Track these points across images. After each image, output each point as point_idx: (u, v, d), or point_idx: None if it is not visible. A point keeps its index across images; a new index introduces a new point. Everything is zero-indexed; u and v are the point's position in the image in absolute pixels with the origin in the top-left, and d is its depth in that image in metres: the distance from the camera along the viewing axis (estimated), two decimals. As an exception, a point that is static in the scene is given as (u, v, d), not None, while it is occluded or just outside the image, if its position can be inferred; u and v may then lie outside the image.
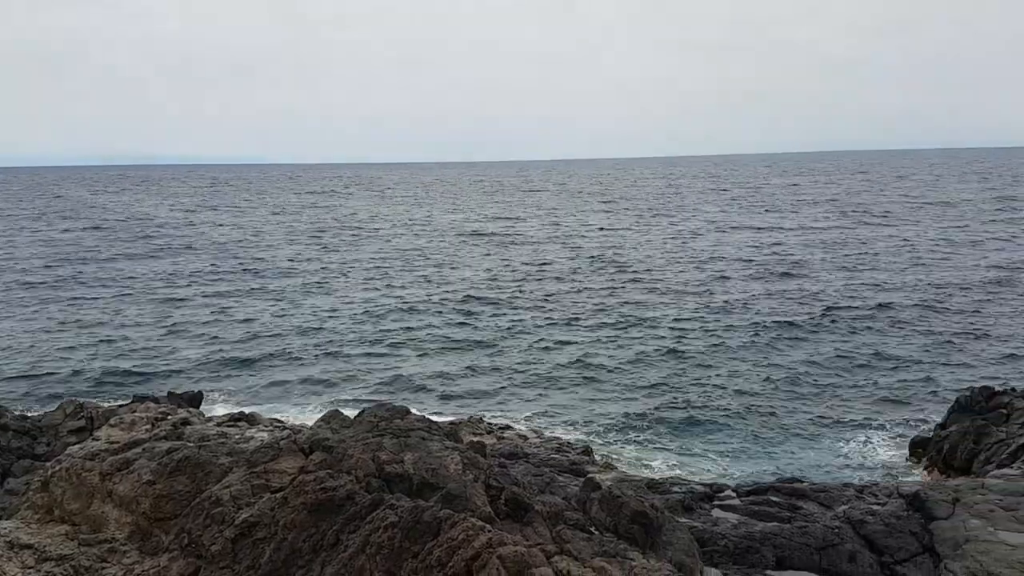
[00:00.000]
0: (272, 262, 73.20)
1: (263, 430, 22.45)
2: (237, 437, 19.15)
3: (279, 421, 27.12)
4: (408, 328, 46.58)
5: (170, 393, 30.65)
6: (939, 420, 27.43)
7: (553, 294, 55.67)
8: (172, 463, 14.41)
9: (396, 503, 11.75)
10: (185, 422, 22.69)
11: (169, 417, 23.14)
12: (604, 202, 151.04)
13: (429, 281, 62.02)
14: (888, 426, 29.66)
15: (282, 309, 52.26)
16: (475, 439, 21.05)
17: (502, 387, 35.62)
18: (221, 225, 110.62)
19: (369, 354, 41.33)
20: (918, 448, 26.50)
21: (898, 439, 28.23)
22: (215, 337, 44.99)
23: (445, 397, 34.60)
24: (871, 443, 28.25)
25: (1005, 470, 20.03)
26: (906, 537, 15.25)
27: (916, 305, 48.53)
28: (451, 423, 25.81)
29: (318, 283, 61.94)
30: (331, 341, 43.86)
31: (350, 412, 20.18)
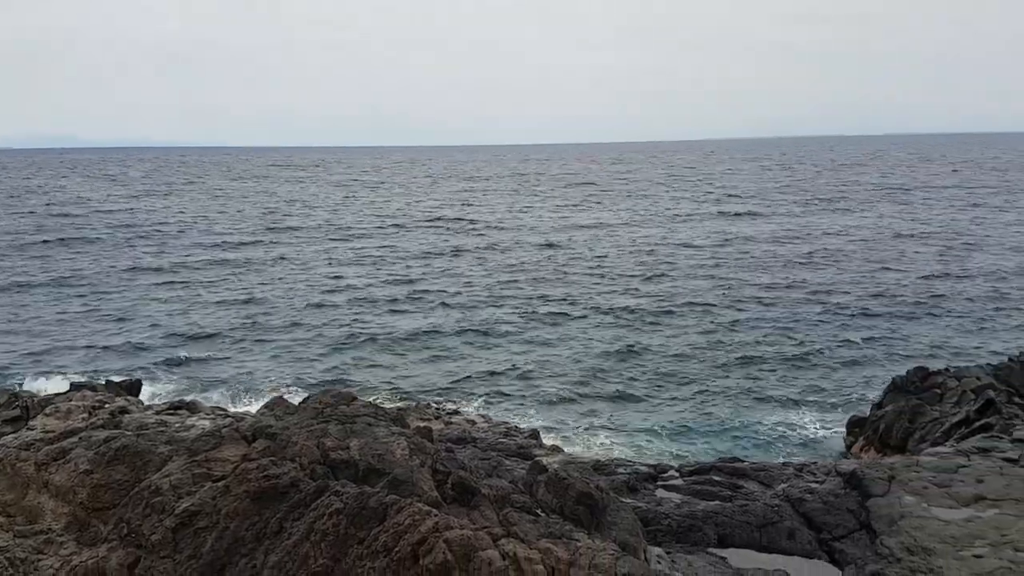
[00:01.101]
0: (216, 247, 71.82)
1: (204, 418, 21.97)
2: (177, 425, 18.74)
3: (221, 409, 26.62)
4: (356, 315, 46.17)
5: (108, 381, 29.85)
6: (875, 400, 28.20)
7: (502, 281, 55.71)
8: (110, 452, 14.09)
9: (341, 489, 11.68)
10: (123, 410, 22.10)
11: (107, 405, 22.52)
12: (561, 187, 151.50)
13: (379, 269, 61.51)
14: (827, 406, 30.47)
15: (226, 296, 51.33)
16: (422, 424, 20.98)
17: (451, 373, 35.57)
18: (166, 209, 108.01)
19: (315, 341, 40.86)
20: (855, 427, 27.22)
21: (836, 419, 29.02)
22: (155, 324, 44.01)
23: (393, 383, 34.42)
24: (810, 423, 29.01)
25: (939, 448, 20.69)
26: (843, 514, 15.68)
27: (855, 289, 49.79)
28: (398, 409, 25.64)
29: (264, 270, 60.99)
30: (276, 328, 43.25)
31: (295, 400, 19.99)
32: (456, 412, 29.39)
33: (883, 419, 25.42)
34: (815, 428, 28.60)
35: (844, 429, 27.70)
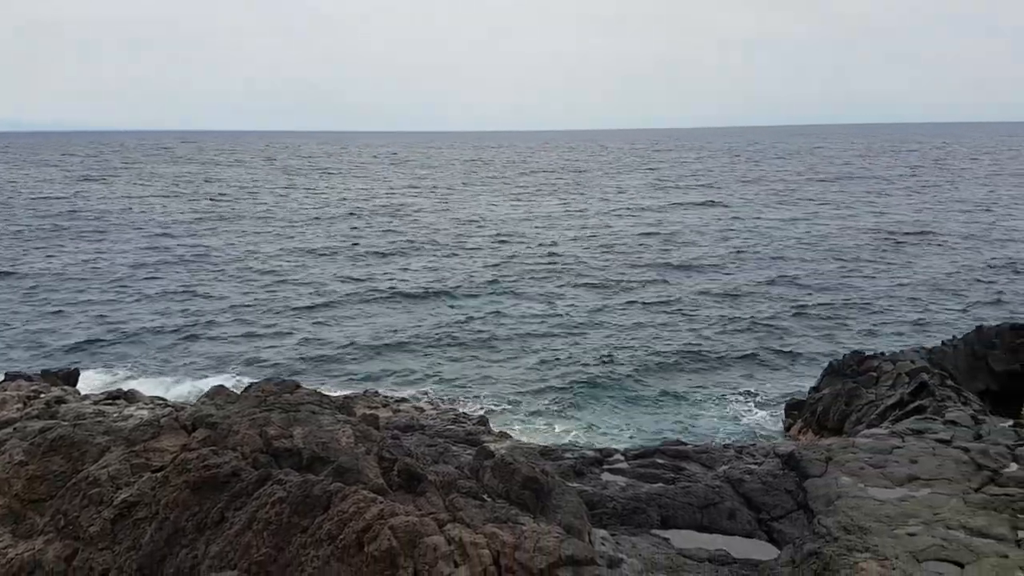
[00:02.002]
0: (154, 234, 70.16)
1: (143, 408, 21.55)
2: (115, 415, 18.34)
3: (161, 399, 26.10)
4: (303, 304, 45.60)
5: (44, 371, 29.02)
6: (813, 384, 28.90)
7: (452, 270, 55.56)
8: (46, 443, 13.72)
9: (284, 478, 11.56)
10: (59, 400, 21.56)
11: (42, 395, 21.96)
12: (514, 176, 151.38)
13: (326, 257, 60.79)
14: (766, 390, 31.16)
15: (166, 284, 50.23)
16: (369, 412, 20.87)
17: (400, 361, 35.42)
18: (102, 197, 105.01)
19: (260, 330, 40.27)
20: (794, 410, 27.89)
21: (775, 402, 29.70)
22: (93, 313, 42.90)
23: (339, 371, 34.16)
24: (751, 406, 29.65)
25: (874, 430, 21.28)
26: (782, 495, 16.04)
27: (795, 276, 50.90)
28: (345, 397, 25.49)
29: (201, 256, 59.78)
30: (217, 316, 42.51)
31: (237, 389, 19.67)
32: (404, 400, 29.29)
33: (820, 402, 26.07)
34: (756, 411, 29.24)
35: (783, 412, 28.37)
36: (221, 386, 16.52)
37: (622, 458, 19.20)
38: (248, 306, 44.51)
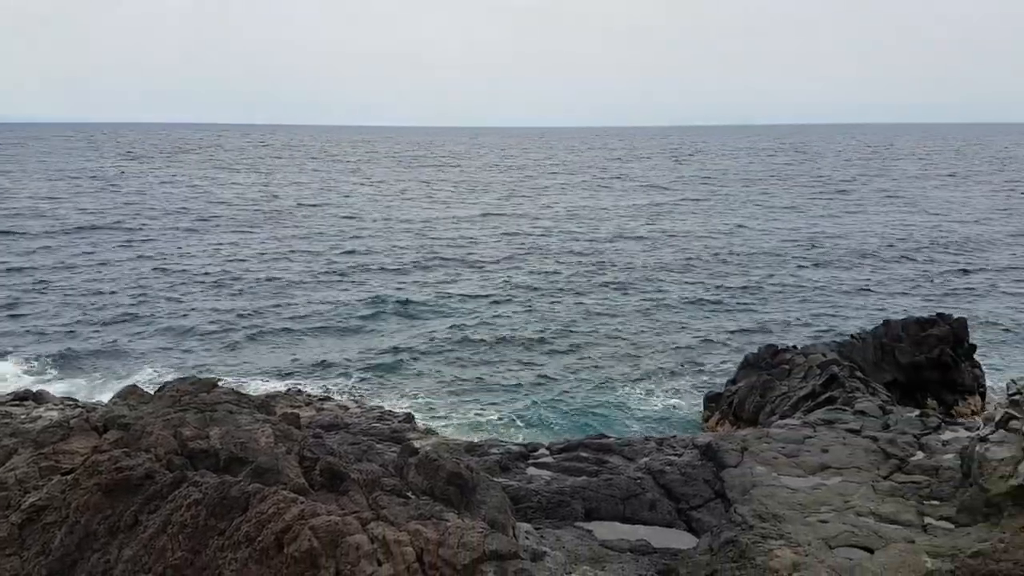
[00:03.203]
0: (74, 228, 67.35)
1: (52, 409, 20.74)
2: (23, 417, 17.60)
3: (72, 399, 25.14)
4: (218, 298, 44.49)
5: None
6: (730, 377, 29.67)
7: (380, 267, 55.03)
8: (-56, 448, 13.06)
9: (200, 480, 11.25)
10: (-40, 404, 20.58)
11: (-59, 399, 20.90)
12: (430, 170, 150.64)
13: (247, 256, 59.40)
14: (686, 383, 31.87)
15: (77, 278, 48.29)
16: (290, 411, 20.51)
17: (322, 358, 34.88)
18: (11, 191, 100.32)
19: (173, 327, 39.10)
20: (712, 402, 28.60)
21: (694, 394, 30.39)
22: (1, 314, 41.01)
23: (260, 369, 33.43)
24: (671, 399, 30.28)
25: (787, 420, 21.99)
26: (700, 485, 16.42)
27: (713, 273, 52.20)
28: (265, 396, 25.00)
29: (120, 249, 57.74)
30: (133, 312, 41.10)
31: (152, 388, 19.08)
32: (328, 398, 28.89)
33: (737, 394, 26.80)
34: (676, 404, 29.87)
35: (702, 404, 29.06)
36: (134, 386, 16.00)
37: (547, 452, 19.36)
38: (162, 303, 43.15)
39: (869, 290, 47.77)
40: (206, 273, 50.58)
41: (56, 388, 29.21)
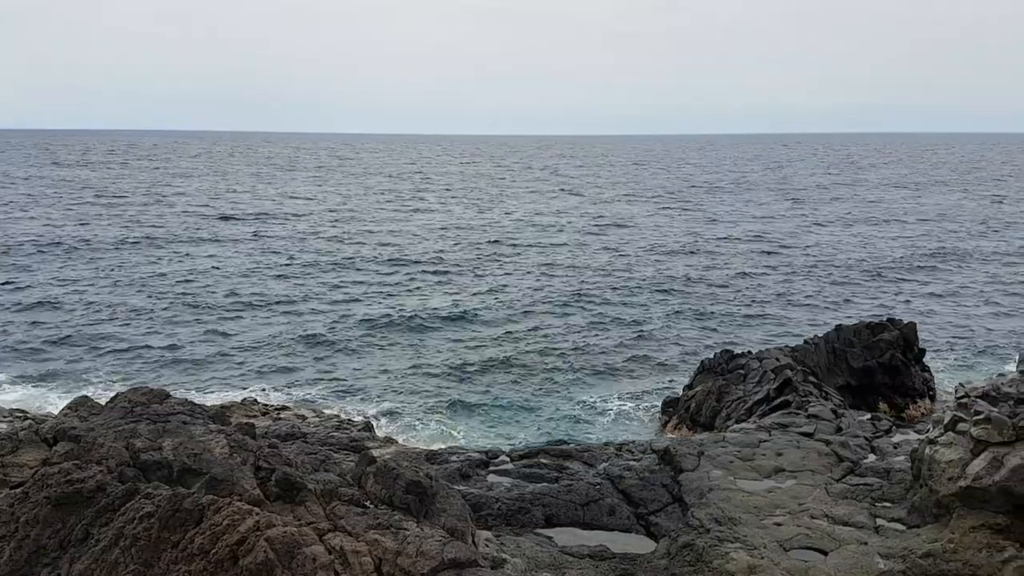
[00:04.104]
0: (22, 235, 65.70)
1: (1, 421, 20.22)
2: (-33, 431, 17.09)
3: (21, 411, 24.54)
4: (173, 307, 43.73)
5: None
6: (687, 382, 30.00)
7: (324, 273, 54.62)
8: None
9: (153, 492, 11.04)
10: (-99, 418, 19.94)
11: None
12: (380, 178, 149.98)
13: (197, 257, 58.54)
14: (645, 389, 32.12)
15: (26, 287, 47.11)
16: (245, 421, 20.22)
17: (279, 368, 34.48)
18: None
19: (126, 337, 38.33)
20: (669, 407, 28.88)
21: (653, 400, 30.64)
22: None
23: (216, 379, 32.92)
24: (630, 405, 30.50)
25: (743, 424, 22.30)
26: (658, 489, 16.56)
27: (669, 279, 52.72)
28: (220, 406, 24.61)
29: (69, 256, 56.47)
30: (83, 323, 40.21)
31: (104, 399, 18.68)
32: (285, 408, 28.55)
33: (694, 399, 27.10)
34: (634, 409, 30.08)
35: (660, 409, 29.32)
36: (85, 397, 15.67)
37: (507, 459, 19.36)
38: (114, 314, 42.28)
39: (823, 295, 48.67)
40: (158, 284, 49.66)
41: (4, 399, 28.47)
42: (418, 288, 49.83)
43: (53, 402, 28.70)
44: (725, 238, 72.13)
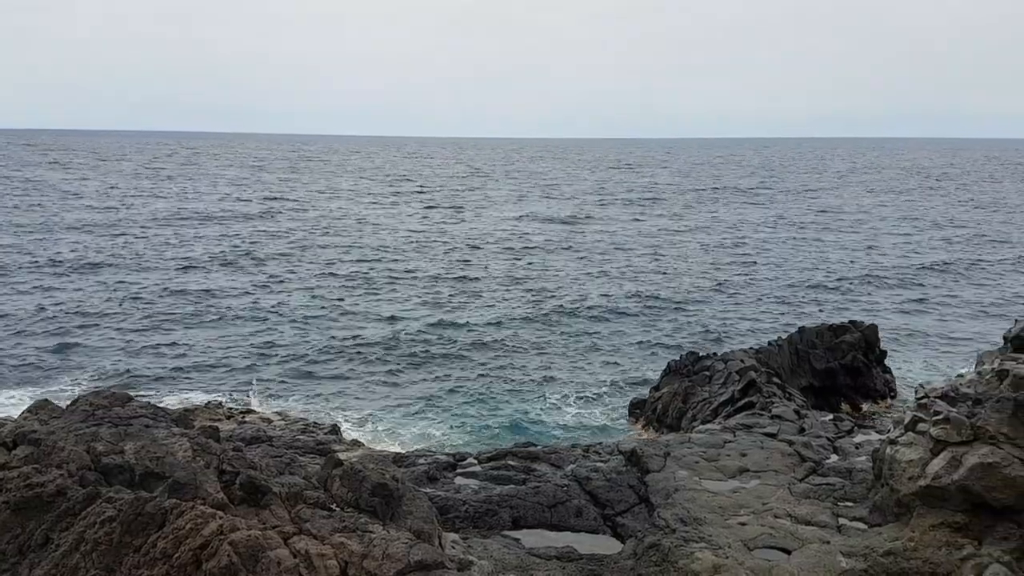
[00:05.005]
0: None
1: (-44, 426, 19.75)
2: (-78, 435, 16.69)
3: (-23, 416, 24.00)
4: (136, 309, 43.07)
5: None
6: (654, 384, 30.20)
7: (290, 276, 54.18)
8: None
9: (115, 496, 10.87)
10: None
11: None
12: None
13: (161, 259, 57.73)
14: (612, 391, 32.27)
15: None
16: (209, 424, 19.99)
17: (244, 371, 34.09)
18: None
19: (87, 338, 37.69)
20: (637, 409, 29.06)
21: (620, 401, 30.81)
22: None
23: (180, 382, 32.48)
24: (598, 407, 30.63)
25: (708, 425, 22.49)
26: (625, 490, 16.66)
27: (632, 283, 53.09)
28: (184, 410, 24.31)
29: (29, 260, 55.38)
30: (42, 325, 39.45)
31: (64, 402, 18.35)
32: (250, 411, 28.28)
33: (660, 400, 27.30)
34: (602, 411, 30.22)
35: (627, 411, 29.49)
36: (45, 400, 15.35)
37: (475, 462, 19.35)
38: (73, 316, 41.55)
39: (787, 298, 49.27)
40: (120, 286, 48.88)
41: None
42: (386, 292, 49.59)
43: (12, 405, 28.12)
44: (689, 241, 72.77)
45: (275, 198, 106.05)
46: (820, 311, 45.41)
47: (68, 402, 15.80)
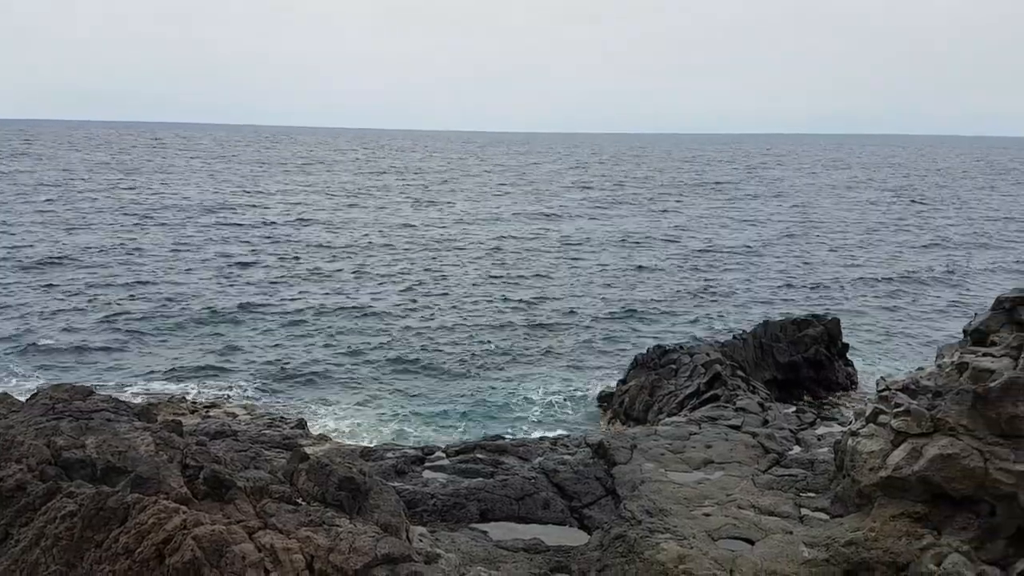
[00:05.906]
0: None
1: (-90, 421, 19.30)
2: None
3: (-67, 410, 23.47)
4: (98, 301, 42.34)
5: None
6: (621, 377, 30.38)
7: (256, 270, 53.62)
8: None
9: (76, 491, 10.70)
10: None
11: None
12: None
13: (132, 251, 56.79)
14: (579, 384, 32.40)
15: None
16: (172, 419, 19.75)
17: (209, 365, 33.64)
18: None
19: (45, 329, 36.96)
20: (604, 402, 29.23)
21: (588, 394, 30.95)
22: None
23: (142, 376, 31.97)
24: (565, 399, 30.73)
25: (674, 418, 22.72)
26: (592, 482, 16.77)
27: (600, 276, 53.35)
28: (148, 404, 23.98)
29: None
30: (4, 315, 38.64)
31: (24, 396, 18.01)
32: (214, 405, 27.97)
33: (627, 393, 27.48)
34: (569, 404, 30.34)
35: (595, 403, 29.65)
36: (4, 393, 15.06)
37: (443, 455, 19.35)
38: (32, 306, 40.75)
39: (751, 291, 49.78)
40: (81, 278, 48.04)
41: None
42: (355, 284, 49.31)
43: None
44: (653, 235, 73.24)
45: (246, 192, 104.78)
46: (783, 309, 45.95)
47: (28, 396, 15.53)
